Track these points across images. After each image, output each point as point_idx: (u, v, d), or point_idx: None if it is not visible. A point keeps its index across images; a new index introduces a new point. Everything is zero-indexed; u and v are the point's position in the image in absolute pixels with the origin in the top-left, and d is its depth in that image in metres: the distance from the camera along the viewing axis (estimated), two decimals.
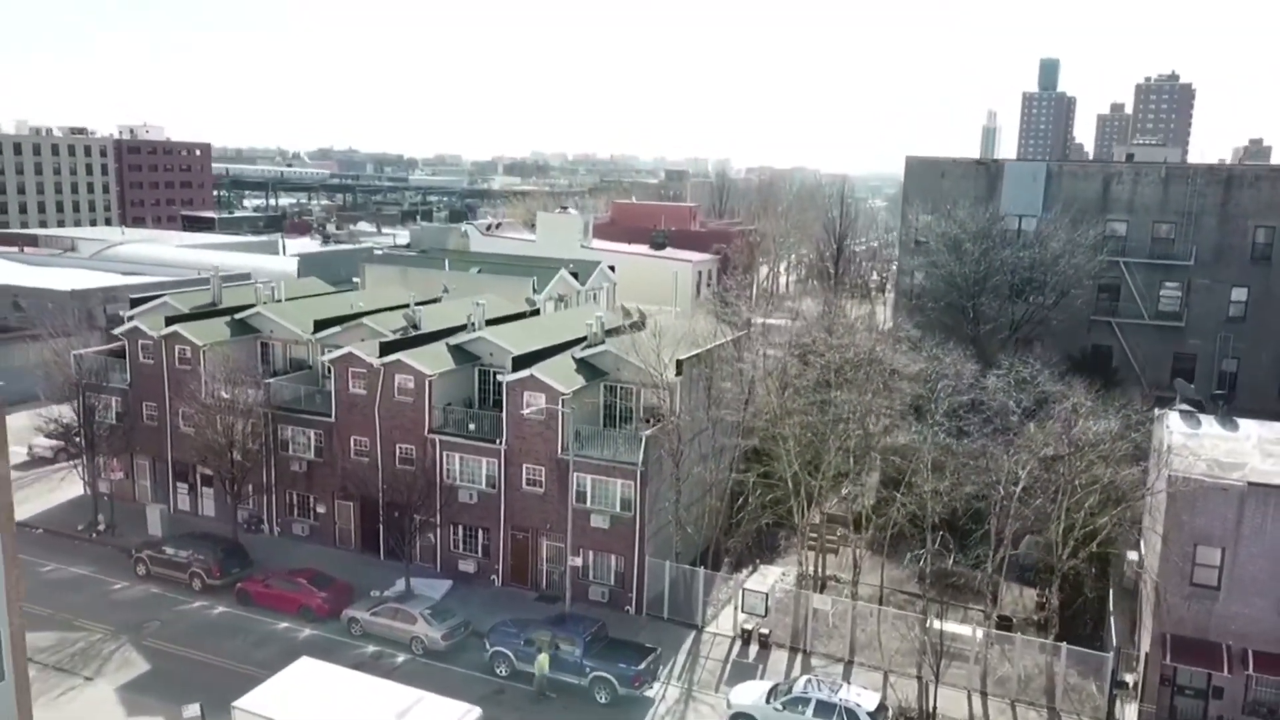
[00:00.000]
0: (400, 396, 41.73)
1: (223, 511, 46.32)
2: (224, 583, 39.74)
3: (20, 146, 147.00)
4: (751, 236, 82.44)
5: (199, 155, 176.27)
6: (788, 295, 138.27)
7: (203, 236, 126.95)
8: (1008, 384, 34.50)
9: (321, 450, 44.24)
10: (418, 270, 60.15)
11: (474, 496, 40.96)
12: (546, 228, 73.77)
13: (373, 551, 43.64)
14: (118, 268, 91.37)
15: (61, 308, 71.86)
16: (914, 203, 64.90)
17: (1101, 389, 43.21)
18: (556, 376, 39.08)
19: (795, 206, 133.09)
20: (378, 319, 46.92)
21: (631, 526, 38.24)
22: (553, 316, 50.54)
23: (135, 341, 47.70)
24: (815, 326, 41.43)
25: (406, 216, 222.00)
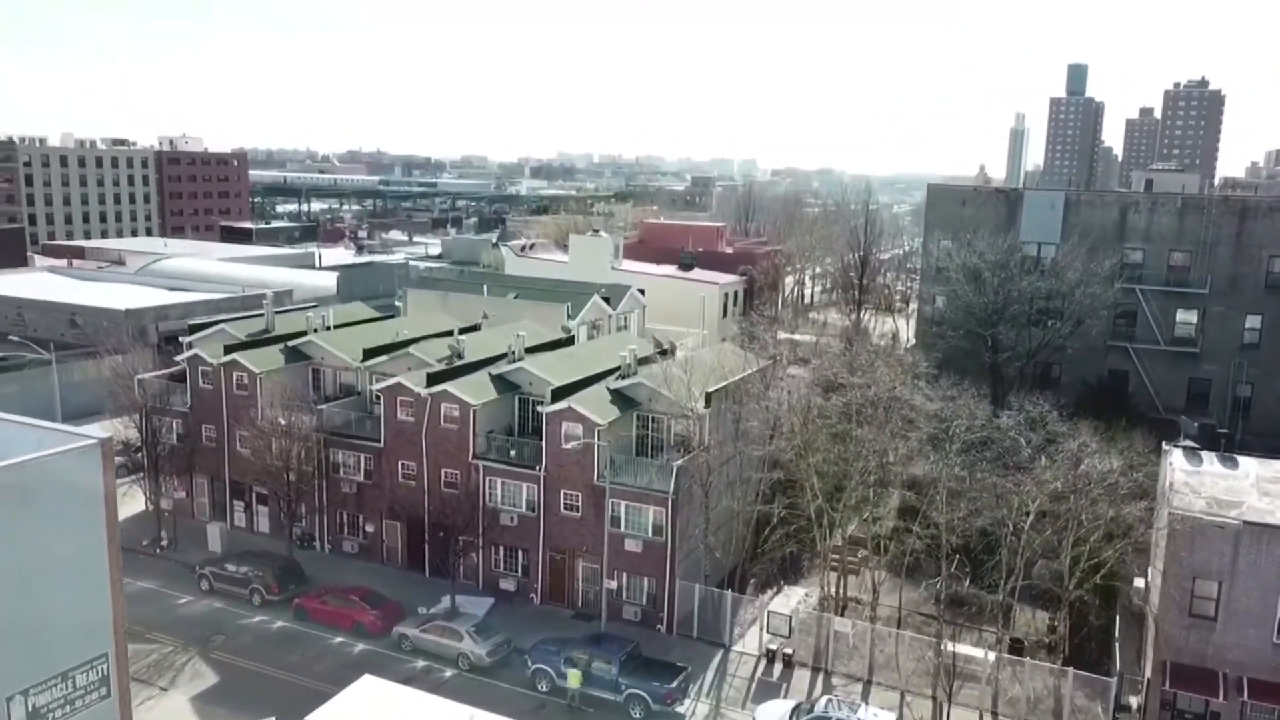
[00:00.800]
0: (446, 424, 44.38)
1: (277, 529, 49.21)
2: (282, 599, 42.55)
3: (66, 159, 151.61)
4: (777, 258, 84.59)
5: (236, 165, 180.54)
6: (814, 306, 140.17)
7: (242, 249, 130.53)
8: (1019, 423, 36.60)
9: (371, 473, 46.98)
10: (457, 295, 62.87)
11: (514, 519, 43.54)
12: (578, 250, 76.32)
13: (418, 569, 46.30)
14: (164, 283, 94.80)
15: (116, 325, 75.32)
16: (935, 230, 66.87)
17: (1113, 420, 45.31)
18: (593, 407, 41.57)
19: (821, 220, 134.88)
20: (423, 348, 49.58)
21: (663, 550, 40.67)
22: (587, 345, 53.00)
23: (196, 368, 50.68)
24: (838, 361, 43.57)
25: (437, 224, 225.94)
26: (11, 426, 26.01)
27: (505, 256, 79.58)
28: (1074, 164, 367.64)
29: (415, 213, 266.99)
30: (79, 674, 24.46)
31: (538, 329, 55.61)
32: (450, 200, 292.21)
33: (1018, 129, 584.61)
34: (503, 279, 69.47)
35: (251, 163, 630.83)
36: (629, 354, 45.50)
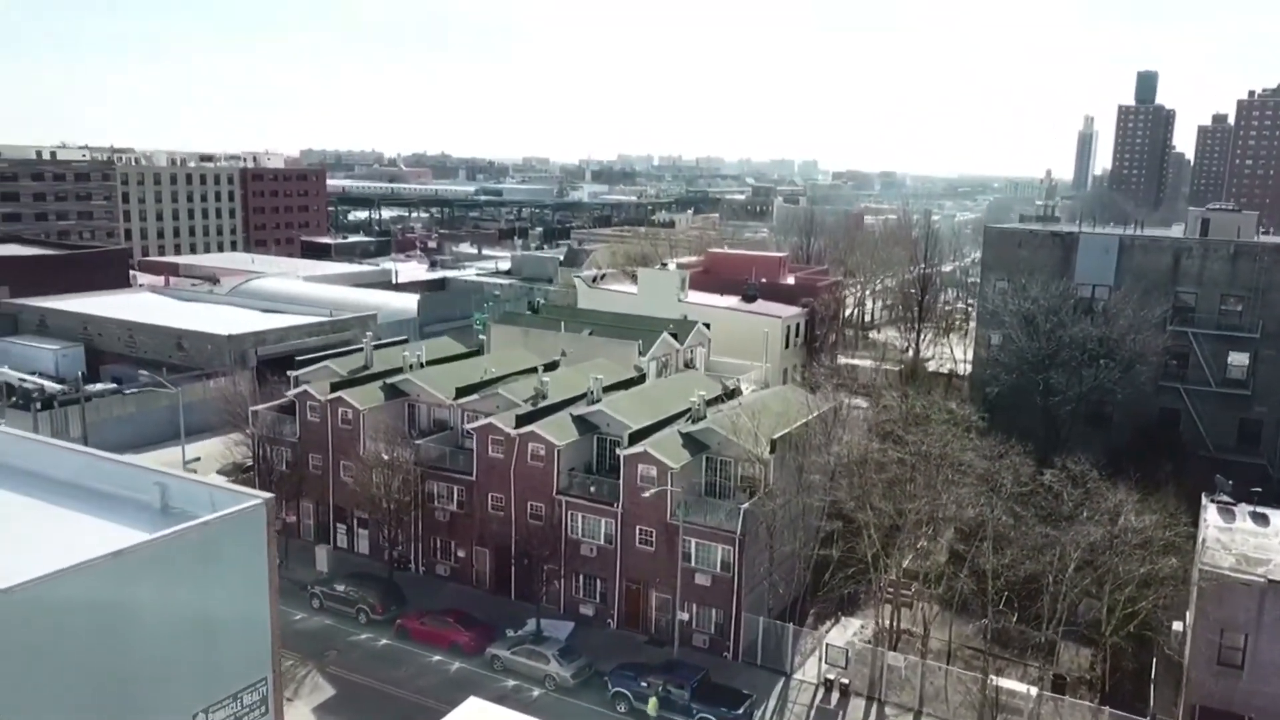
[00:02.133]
0: (533, 461, 48.74)
1: (375, 550, 54.13)
2: (385, 618, 47.28)
3: (159, 176, 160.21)
4: (838, 290, 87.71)
5: (314, 181, 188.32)
6: (875, 323, 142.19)
7: (323, 265, 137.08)
8: (1061, 479, 39.68)
9: (463, 503, 51.56)
10: (537, 331, 67.31)
11: (594, 550, 47.74)
12: (647, 282, 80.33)
13: (504, 593, 50.75)
14: (256, 303, 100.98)
15: (219, 349, 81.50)
16: (992, 272, 69.49)
17: (1161, 465, 47.95)
18: (666, 452, 45.55)
19: (882, 241, 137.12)
20: (510, 387, 54.02)
21: (730, 584, 44.50)
22: (658, 384, 56.87)
23: (304, 402, 55.79)
24: (895, 411, 46.94)
25: (503, 235, 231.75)
26: (187, 484, 30.79)
27: (579, 287, 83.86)
28: (1142, 171, 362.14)
29: (482, 222, 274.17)
30: (245, 694, 29.12)
31: (611, 366, 59.85)
32: (516, 210, 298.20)
33: (1086, 133, 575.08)
34: (577, 313, 73.72)
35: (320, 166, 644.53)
36: (698, 399, 49.39)
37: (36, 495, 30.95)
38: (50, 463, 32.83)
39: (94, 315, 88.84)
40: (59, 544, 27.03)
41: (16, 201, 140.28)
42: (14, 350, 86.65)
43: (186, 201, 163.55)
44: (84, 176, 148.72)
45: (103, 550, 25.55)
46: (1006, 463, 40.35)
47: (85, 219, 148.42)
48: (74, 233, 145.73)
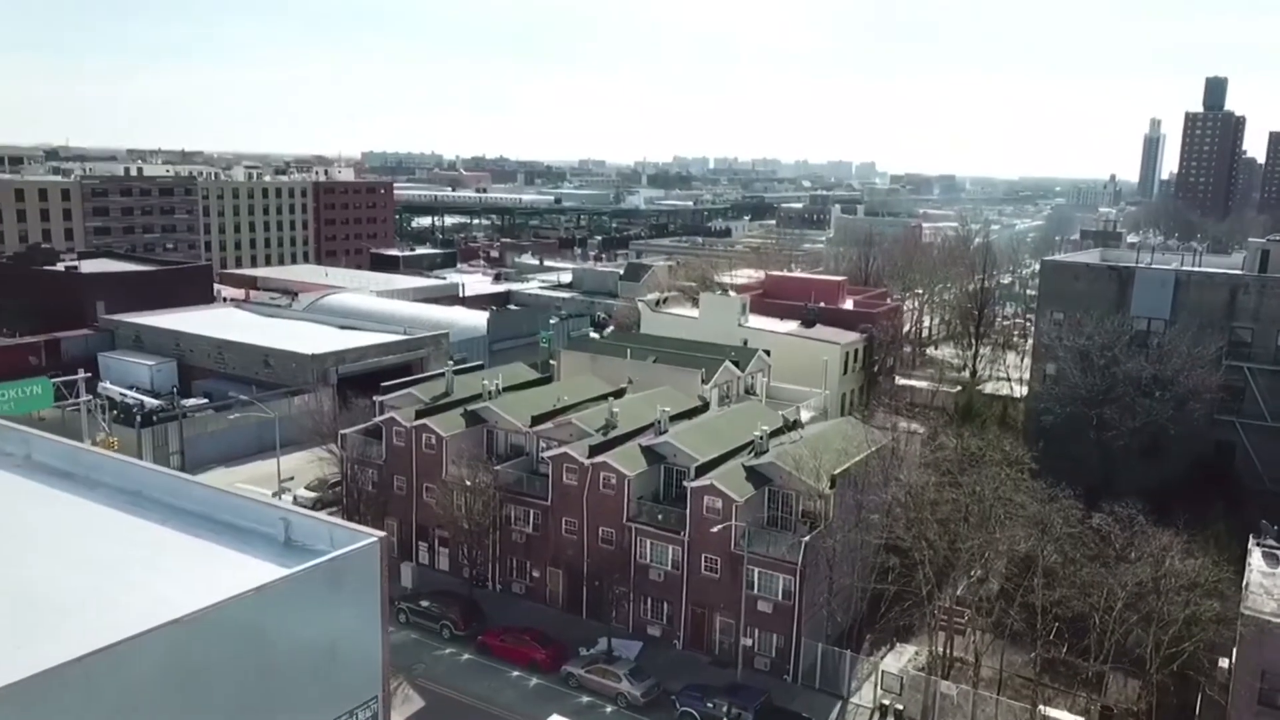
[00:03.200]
0: (604, 489, 51.96)
1: (455, 568, 57.84)
2: (467, 634, 50.87)
3: (238, 191, 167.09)
4: (896, 318, 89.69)
5: (382, 194, 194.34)
6: (933, 339, 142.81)
7: (392, 278, 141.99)
8: (1110, 521, 41.73)
9: (538, 526, 54.98)
10: (605, 358, 70.56)
11: (661, 575, 50.81)
12: (709, 307, 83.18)
13: (576, 611, 54.05)
14: (333, 319, 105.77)
15: (303, 367, 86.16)
16: (1048, 305, 71.09)
17: (1214, 503, 49.51)
18: (730, 485, 48.44)
19: (940, 260, 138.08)
20: (582, 416, 57.28)
21: (791, 612, 47.23)
22: (721, 415, 59.66)
23: (390, 428, 59.70)
24: (950, 452, 49.25)
25: (563, 244, 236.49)
26: (307, 521, 34.46)
27: (642, 311, 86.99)
28: (1210, 179, 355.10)
29: (542, 230, 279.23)
30: (359, 711, 32.65)
31: (675, 394, 62.87)
32: (575, 218, 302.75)
33: (1152, 136, 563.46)
34: (641, 339, 76.81)
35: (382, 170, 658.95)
36: (762, 433, 52.16)
37: (176, 526, 34.83)
38: (186, 496, 36.73)
39: (185, 332, 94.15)
40: (204, 574, 30.82)
41: (106, 216, 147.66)
42: (113, 365, 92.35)
43: (263, 214, 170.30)
44: (168, 191, 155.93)
45: (245, 581, 29.26)
46: (1057, 506, 42.45)
47: (169, 232, 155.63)
48: (158, 245, 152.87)
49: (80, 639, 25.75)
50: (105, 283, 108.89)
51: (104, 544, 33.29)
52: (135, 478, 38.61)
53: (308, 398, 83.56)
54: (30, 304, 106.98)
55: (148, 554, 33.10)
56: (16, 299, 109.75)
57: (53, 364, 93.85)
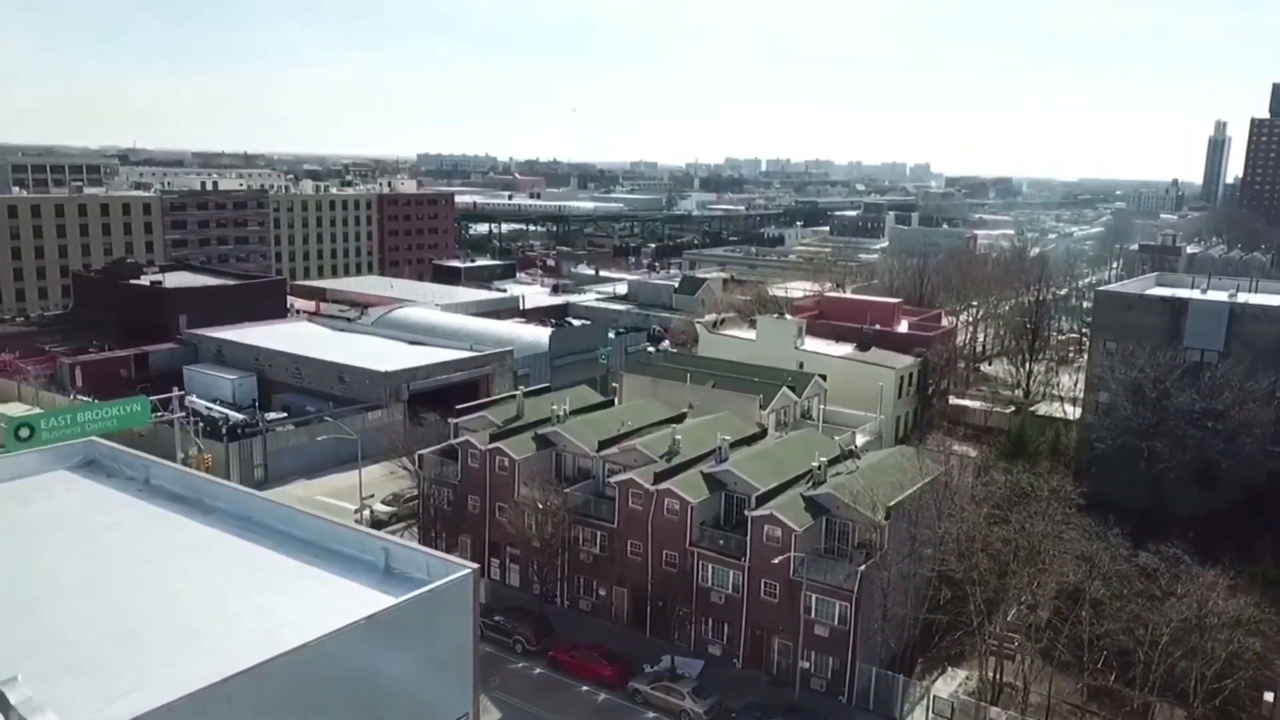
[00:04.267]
0: (668, 514, 54.84)
1: (525, 584, 61.13)
2: (539, 649, 54.07)
3: (305, 204, 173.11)
4: (950, 341, 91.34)
5: (444, 205, 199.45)
6: (987, 355, 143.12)
7: (454, 291, 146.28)
8: (1155, 560, 43.55)
9: (604, 547, 58.01)
10: (665, 382, 73.49)
11: (722, 598, 53.55)
12: (765, 330, 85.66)
13: (640, 629, 57.00)
14: (401, 334, 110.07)
15: (376, 383, 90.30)
16: (1102, 335, 72.38)
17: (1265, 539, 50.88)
18: (790, 514, 50.99)
19: (996, 278, 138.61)
20: (646, 442, 60.14)
21: (846, 636, 49.69)
22: (780, 443, 62.13)
23: (466, 450, 63.17)
24: (1001, 487, 51.29)
25: (618, 253, 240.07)
26: (403, 550, 37.79)
27: (701, 333, 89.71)
28: (1276, 186, 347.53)
29: (596, 237, 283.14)
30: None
31: (734, 420, 65.51)
32: (629, 226, 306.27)
33: (1217, 139, 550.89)
34: (700, 362, 79.55)
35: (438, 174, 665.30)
36: (820, 463, 54.62)
37: (286, 552, 38.33)
38: (294, 523, 40.23)
39: (265, 348, 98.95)
40: (316, 600, 34.22)
41: (184, 229, 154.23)
42: (197, 378, 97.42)
43: (329, 226, 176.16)
44: (241, 205, 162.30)
45: (353, 608, 32.56)
46: (1103, 545, 44.37)
47: (241, 244, 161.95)
48: (231, 256, 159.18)
49: (217, 661, 29.35)
50: (187, 297, 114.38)
51: (223, 568, 36.93)
52: (247, 504, 42.33)
53: (381, 413, 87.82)
54: (117, 316, 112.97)
55: (264, 579, 36.64)
56: (105, 311, 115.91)
57: (141, 376, 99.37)
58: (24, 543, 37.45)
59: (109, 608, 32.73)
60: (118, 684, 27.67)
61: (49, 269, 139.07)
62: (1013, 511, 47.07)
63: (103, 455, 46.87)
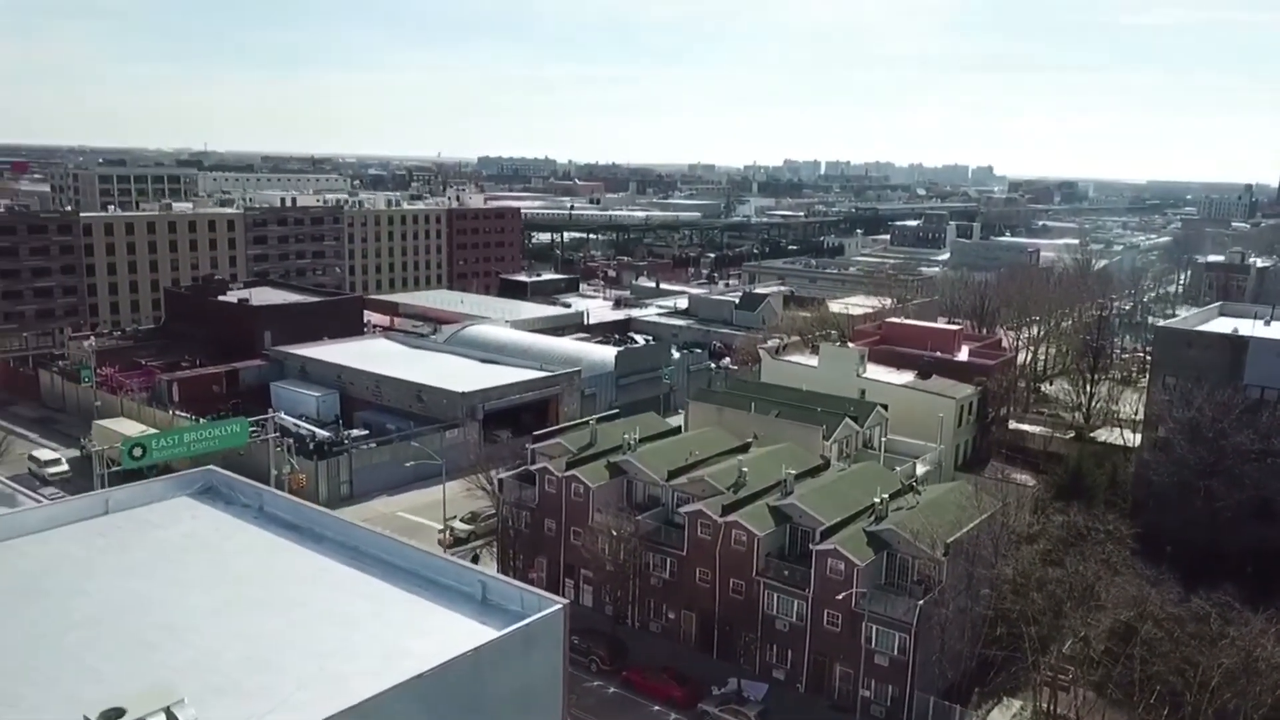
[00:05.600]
0: (735, 545, 57.95)
1: (598, 605, 64.71)
2: (612, 669, 57.57)
3: (378, 218, 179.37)
4: (1011, 370, 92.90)
5: (510, 218, 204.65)
6: (1047, 374, 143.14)
7: (523, 307, 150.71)
8: (1204, 609, 45.52)
9: (673, 573, 61.32)
10: (730, 410, 76.49)
11: (786, 626, 56.51)
12: (827, 357, 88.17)
13: (707, 652, 60.19)
14: (473, 352, 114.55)
15: (453, 403, 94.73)
16: (1162, 371, 73.69)
17: None
18: (852, 549, 53.78)
19: (1058, 296, 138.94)
20: (713, 473, 63.21)
21: (906, 666, 52.34)
22: (843, 476, 64.69)
23: (543, 476, 66.96)
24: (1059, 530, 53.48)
25: (678, 264, 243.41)
26: (498, 583, 41.49)
27: (763, 359, 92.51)
28: None
29: (656, 246, 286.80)
30: None
31: (798, 451, 68.32)
32: (687, 236, 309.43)
33: None
34: (763, 389, 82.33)
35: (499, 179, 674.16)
36: (882, 499, 57.27)
37: (392, 582, 42.16)
38: (397, 554, 44.07)
39: (347, 366, 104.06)
40: (423, 629, 37.98)
41: (265, 244, 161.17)
42: (283, 394, 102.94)
43: (400, 240, 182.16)
44: (318, 220, 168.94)
45: (458, 638, 36.21)
46: (1155, 592, 46.44)
47: (318, 258, 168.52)
48: (308, 270, 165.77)
49: (343, 686, 33.29)
50: (272, 314, 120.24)
51: (338, 595, 40.95)
52: (354, 535, 46.41)
53: (457, 431, 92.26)
54: (206, 331, 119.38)
55: (374, 607, 40.58)
56: (194, 326, 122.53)
57: (231, 392, 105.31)
58: (160, 567, 41.87)
59: (242, 632, 36.87)
60: (257, 705, 31.69)
61: (140, 283, 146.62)
62: (1068, 552, 49.25)
63: (219, 483, 51.44)
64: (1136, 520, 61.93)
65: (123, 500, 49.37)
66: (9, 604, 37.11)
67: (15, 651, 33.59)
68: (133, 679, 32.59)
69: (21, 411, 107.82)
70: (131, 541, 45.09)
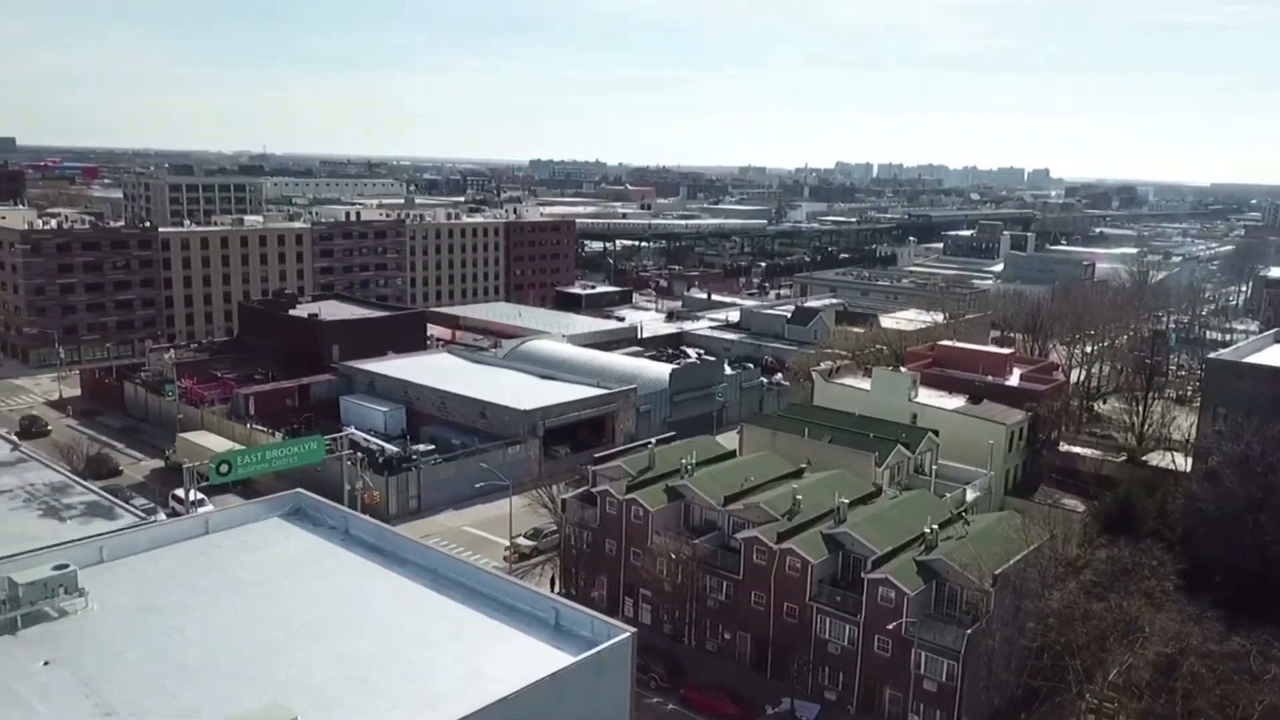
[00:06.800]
0: (789, 571, 60.53)
1: (656, 623, 67.67)
2: (670, 687, 60.47)
3: (439, 231, 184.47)
4: (1063, 394, 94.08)
5: (565, 230, 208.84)
6: (1100, 391, 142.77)
7: (578, 321, 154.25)
8: (1247, 647, 47.15)
9: (729, 595, 64.06)
10: (784, 435, 79.00)
11: (838, 649, 58.98)
12: (880, 381, 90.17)
13: (761, 671, 62.84)
14: (531, 368, 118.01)
15: (515, 420, 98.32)
16: (1212, 403, 74.65)
17: None
18: (903, 578, 56.09)
19: (1114, 313, 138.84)
20: (768, 499, 65.86)
21: (953, 693, 54.53)
22: (895, 504, 66.82)
23: (604, 498, 70.11)
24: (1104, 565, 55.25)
25: (729, 274, 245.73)
26: (570, 611, 44.58)
27: (816, 381, 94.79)
28: None
29: (708, 255, 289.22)
30: None
31: (851, 478, 70.64)
32: (738, 244, 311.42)
33: None
34: (816, 413, 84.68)
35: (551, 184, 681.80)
36: (932, 530, 59.45)
37: (471, 605, 45.31)
38: (475, 578, 47.34)
39: (413, 382, 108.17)
40: (502, 652, 41.13)
41: (330, 257, 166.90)
42: (352, 409, 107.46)
43: (460, 252, 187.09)
44: (381, 234, 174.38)
45: (536, 662, 39.32)
46: (1197, 628, 48.15)
47: (380, 270, 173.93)
48: (371, 282, 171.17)
49: (433, 706, 36.60)
50: (340, 329, 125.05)
51: (422, 618, 44.38)
52: (434, 559, 49.88)
53: (519, 448, 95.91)
54: (277, 345, 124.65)
55: (456, 630, 43.96)
56: (266, 339, 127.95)
57: (303, 406, 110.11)
58: (257, 587, 45.69)
59: (335, 651, 40.47)
60: None
61: (214, 296, 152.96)
62: (1112, 586, 51.07)
63: (307, 505, 55.42)
64: (1185, 551, 63.32)
65: (221, 521, 53.66)
66: (130, 620, 41.18)
67: (139, 666, 37.57)
68: (245, 695, 36.37)
69: (108, 421, 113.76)
70: (230, 562, 49.19)
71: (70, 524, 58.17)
